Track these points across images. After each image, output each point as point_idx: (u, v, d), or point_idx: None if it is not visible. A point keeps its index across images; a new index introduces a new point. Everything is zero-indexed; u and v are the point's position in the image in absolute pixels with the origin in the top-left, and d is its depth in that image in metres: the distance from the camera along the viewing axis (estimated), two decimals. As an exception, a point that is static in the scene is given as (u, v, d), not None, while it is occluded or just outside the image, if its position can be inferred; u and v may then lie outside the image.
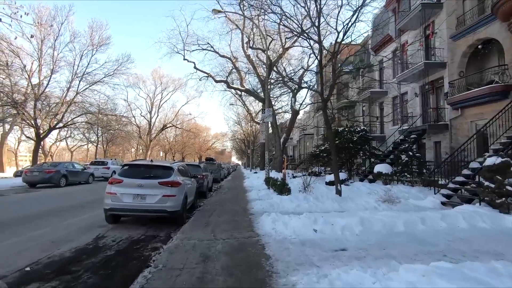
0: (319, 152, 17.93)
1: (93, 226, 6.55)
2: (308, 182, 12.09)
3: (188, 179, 8.12)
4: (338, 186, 8.94)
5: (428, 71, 14.59)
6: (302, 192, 9.23)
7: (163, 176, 6.54)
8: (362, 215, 5.96)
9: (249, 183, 18.11)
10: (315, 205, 8.13)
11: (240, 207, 8.71)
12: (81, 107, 21.47)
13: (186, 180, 7.67)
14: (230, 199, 10.92)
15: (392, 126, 19.80)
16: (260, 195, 10.97)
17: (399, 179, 13.27)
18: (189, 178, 8.49)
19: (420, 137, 14.56)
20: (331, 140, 9.38)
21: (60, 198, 11.51)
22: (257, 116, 43.39)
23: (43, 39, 20.37)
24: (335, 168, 9.23)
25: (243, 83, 23.64)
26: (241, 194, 12.35)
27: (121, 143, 46.80)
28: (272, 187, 11.46)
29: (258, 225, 6.12)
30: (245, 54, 22.43)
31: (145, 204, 6.18)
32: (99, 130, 29.77)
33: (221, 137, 74.77)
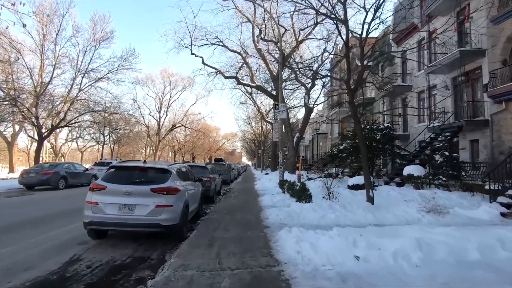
0: (337, 152, 16.42)
1: (72, 243, 5.31)
2: (330, 186, 10.65)
3: (190, 184, 6.81)
4: (370, 192, 7.47)
5: (463, 60, 12.88)
6: (325, 199, 7.79)
7: (158, 181, 5.23)
8: (415, 235, 4.49)
9: (261, 185, 16.73)
10: (343, 215, 6.68)
11: (253, 217, 7.34)
12: (85, 105, 20.59)
13: (187, 185, 6.36)
14: (241, 205, 9.57)
15: (418, 124, 18.05)
16: (274, 201, 9.58)
17: (432, 182, 11.65)
18: (192, 182, 7.19)
19: (455, 134, 12.86)
20: (360, 137, 7.91)
21: (54, 203, 10.41)
22: (268, 115, 42.03)
23: (45, 34, 19.59)
24: (366, 170, 7.76)
25: (253, 79, 22.31)
26: (252, 199, 10.99)
27: (129, 143, 46.20)
28: (289, 191, 10.05)
29: (277, 245, 4.73)
30: (256, 47, 21.09)
31: (134, 217, 4.88)
32: (106, 129, 28.93)
33: (231, 137, 73.79)
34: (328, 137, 34.83)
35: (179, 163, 6.62)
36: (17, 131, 36.63)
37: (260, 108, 39.15)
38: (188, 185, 6.42)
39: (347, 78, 8.06)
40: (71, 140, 43.98)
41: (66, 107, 19.38)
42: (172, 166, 5.81)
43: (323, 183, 10.90)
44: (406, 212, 6.93)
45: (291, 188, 9.91)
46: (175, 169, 5.86)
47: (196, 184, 7.73)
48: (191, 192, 6.54)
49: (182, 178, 6.15)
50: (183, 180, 6.17)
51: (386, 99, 21.74)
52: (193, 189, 6.93)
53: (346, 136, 16.60)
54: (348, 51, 7.76)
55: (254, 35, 21.31)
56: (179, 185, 5.60)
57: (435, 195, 9.84)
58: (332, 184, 10.96)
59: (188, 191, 6.17)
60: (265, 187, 15.48)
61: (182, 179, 6.08)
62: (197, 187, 7.65)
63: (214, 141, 71.74)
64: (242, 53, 22.78)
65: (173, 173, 5.58)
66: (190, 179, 7.13)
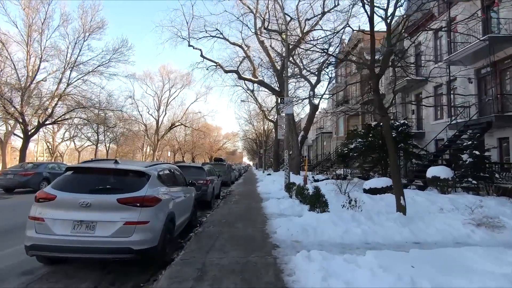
0: (347, 151, 15.01)
1: (15, 271, 3.95)
2: (345, 190, 9.26)
3: (179, 190, 5.45)
4: (402, 200, 6.06)
5: (493, 48, 11.46)
6: (345, 207, 6.38)
7: (130, 188, 3.86)
8: (495, 269, 3.09)
9: (264, 187, 15.35)
10: (371, 230, 5.29)
11: (257, 230, 5.96)
12: (75, 101, 19.14)
13: (174, 192, 4.99)
14: (242, 212, 8.19)
15: (434, 121, 16.65)
16: (281, 208, 8.20)
17: (459, 185, 10.25)
18: (182, 187, 5.83)
19: (484, 132, 11.43)
20: (388, 132, 6.51)
21: (26, 210, 9.04)
22: (270, 113, 40.65)
23: (31, 24, 18.20)
24: (396, 172, 6.36)
25: (255, 74, 20.93)
26: (255, 205, 9.61)
27: (127, 143, 44.88)
28: (298, 196, 8.67)
29: (294, 281, 3.34)
30: (259, 40, 19.72)
31: (94, 239, 3.52)
32: (99, 128, 27.52)
33: (232, 137, 72.56)
34: (333, 136, 33.40)
35: (164, 164, 5.22)
36: (11, 130, 35.40)
37: (262, 106, 37.79)
38: (175, 192, 5.04)
39: (370, 61, 6.68)
40: (68, 139, 42.70)
41: (54, 103, 18.01)
42: (151, 168, 4.42)
43: (336, 186, 9.56)
44: (449, 225, 5.52)
45: (300, 193, 8.53)
46: (156, 171, 4.47)
47: (188, 189, 6.35)
48: (179, 201, 5.17)
49: (166, 183, 4.77)
50: (167, 185, 4.79)
51: (398, 95, 20.30)
52: (183, 196, 5.56)
53: (357, 134, 15.19)
54: (373, 27, 6.37)
55: (257, 27, 19.96)
56: (161, 193, 4.22)
57: (464, 199, 8.49)
58: (347, 188, 9.63)
59: (174, 200, 4.79)
60: (269, 189, 14.10)
61: (166, 185, 4.70)
62: (188, 192, 6.28)
63: (215, 141, 70.49)
64: (244, 46, 21.41)
65: (152, 177, 4.20)
66: (179, 183, 5.75)
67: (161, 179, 4.54)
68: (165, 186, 4.61)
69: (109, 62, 20.24)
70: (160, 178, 4.54)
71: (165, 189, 4.52)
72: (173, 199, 4.75)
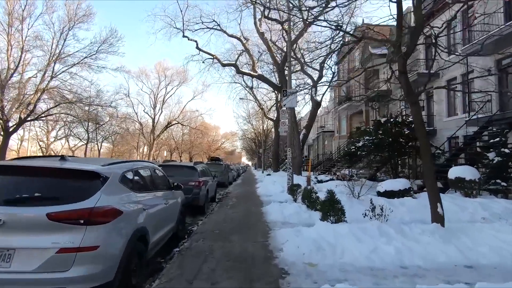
0: (355, 149, 13.82)
1: None
2: (359, 193, 8.05)
3: (158, 196, 4.24)
4: (439, 208, 4.86)
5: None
6: (368, 217, 5.16)
7: (72, 197, 2.63)
8: None
9: (264, 189, 14.10)
10: (406, 248, 4.08)
11: (258, 246, 4.74)
12: (60, 96, 17.79)
13: (150, 199, 3.79)
14: (239, 220, 6.97)
15: (448, 118, 15.47)
16: (286, 214, 6.98)
17: (486, 188, 9.07)
18: (164, 191, 4.63)
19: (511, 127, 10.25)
20: (420, 125, 5.30)
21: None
22: (269, 112, 39.48)
23: (11, 12, 16.81)
24: (430, 173, 5.15)
25: (255, 68, 19.71)
26: (255, 210, 8.39)
27: (122, 142, 43.57)
28: (305, 201, 7.45)
29: None
30: (258, 31, 18.50)
31: (8, 277, 2.29)
32: (90, 125, 26.12)
33: (230, 136, 71.33)
34: (335, 135, 32.23)
35: (134, 162, 3.91)
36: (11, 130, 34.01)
37: (261, 104, 36.60)
38: (150, 199, 3.83)
39: (396, 38, 5.48)
40: (61, 138, 41.31)
41: (36, 97, 16.66)
42: (111, 168, 3.18)
43: (348, 189, 8.35)
44: (505, 241, 4.32)
45: (308, 197, 7.31)
46: (119, 172, 3.24)
47: (172, 194, 5.14)
48: (157, 210, 3.95)
49: (136, 187, 3.55)
50: (138, 190, 3.57)
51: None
52: (163, 204, 4.33)
53: (366, 132, 14.01)
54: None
55: (256, 18, 18.74)
56: (124, 203, 3.00)
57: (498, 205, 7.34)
58: (358, 189, 8.44)
59: (148, 210, 3.57)
60: (270, 191, 12.86)
61: (136, 189, 3.48)
62: (173, 198, 5.06)
63: (213, 140, 69.28)
64: (242, 39, 20.19)
65: (111, 180, 2.97)
66: (159, 187, 4.53)
67: (127, 183, 3.31)
68: (133, 191, 3.39)
69: (96, 53, 18.94)
70: (126, 181, 3.31)
71: (132, 196, 3.30)
72: (146, 209, 3.52)
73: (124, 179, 3.26)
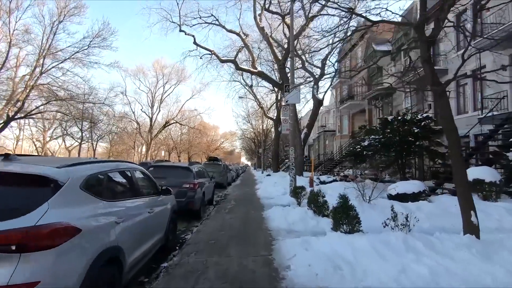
0: (360, 149, 13.08)
1: None
2: (369, 197, 7.32)
3: (140, 204, 3.50)
4: (473, 217, 4.14)
5: (540, 25, 9.58)
6: (389, 227, 4.40)
7: (8, 212, 1.89)
8: None
9: (264, 191, 13.35)
10: (442, 267, 3.36)
11: (260, 263, 4.00)
12: (51, 93, 16.89)
13: (128, 209, 3.05)
14: (238, 227, 6.23)
15: (457, 115, 14.73)
16: (290, 221, 6.25)
17: (507, 191, 8.37)
18: (149, 197, 3.90)
19: (531, 125, 9.55)
20: (449, 120, 4.59)
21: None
22: (269, 111, 38.76)
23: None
24: (462, 177, 4.43)
25: (254, 64, 18.96)
26: (255, 215, 7.66)
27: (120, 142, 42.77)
28: (311, 205, 6.71)
29: None
30: (258, 26, 17.75)
31: None
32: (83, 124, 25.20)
33: (230, 136, 70.59)
34: (336, 134, 31.50)
35: (104, 162, 3.09)
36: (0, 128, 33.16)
37: (261, 103, 35.87)
38: (128, 209, 3.09)
39: (419, 21, 4.76)
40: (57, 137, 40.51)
41: (25, 94, 15.82)
42: (70, 170, 2.42)
43: (358, 192, 7.61)
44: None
45: (314, 201, 6.58)
46: (82, 175, 2.48)
47: (160, 200, 4.40)
48: (137, 221, 3.22)
49: (107, 194, 2.81)
50: (111, 198, 2.83)
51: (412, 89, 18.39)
52: (146, 213, 3.60)
53: (371, 130, 13.28)
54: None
55: (256, 12, 17.99)
56: (89, 216, 2.27)
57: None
58: (368, 192, 7.71)
59: (125, 222, 2.84)
60: (270, 193, 12.13)
61: (107, 197, 2.74)
62: (160, 204, 4.33)
63: (212, 140, 68.52)
64: (242, 34, 19.43)
65: (67, 187, 2.23)
66: (142, 192, 3.79)
67: (93, 189, 2.56)
68: (103, 200, 2.65)
69: (88, 48, 18.05)
70: (92, 186, 2.57)
71: (100, 206, 2.56)
72: (121, 222, 2.78)
73: (89, 184, 2.52)
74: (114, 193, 3.03)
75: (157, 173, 7.54)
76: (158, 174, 7.51)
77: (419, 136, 11.71)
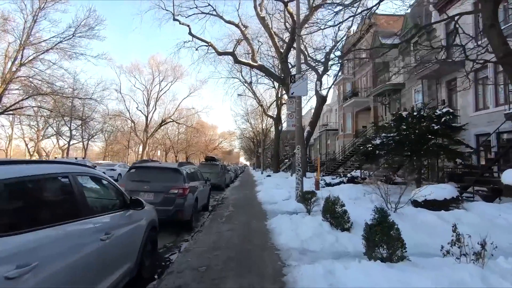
0: (372, 148, 11.87)
1: None
2: (396, 206, 6.09)
3: (85, 228, 2.24)
4: None
5: None
6: (451, 255, 3.15)
7: None
8: None
9: (266, 194, 12.10)
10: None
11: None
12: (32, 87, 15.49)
13: (48, 244, 1.77)
14: (236, 247, 4.98)
15: (475, 112, 13.55)
16: (303, 237, 4.99)
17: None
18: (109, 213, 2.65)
19: None
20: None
21: None
22: (269, 109, 37.56)
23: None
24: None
25: (255, 58, 17.73)
26: (258, 226, 6.41)
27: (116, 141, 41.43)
28: (327, 215, 5.45)
29: None
30: (259, 16, 16.52)
31: None
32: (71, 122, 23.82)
33: (228, 135, 69.38)
34: (339, 133, 30.26)
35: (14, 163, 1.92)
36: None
37: (261, 101, 34.66)
38: (52, 242, 1.82)
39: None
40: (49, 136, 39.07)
41: (2, 88, 14.42)
42: None
43: (381, 199, 6.38)
44: None
45: (331, 211, 5.33)
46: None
47: (131, 215, 3.15)
48: (70, 262, 1.94)
49: (9, 222, 1.54)
50: (19, 227, 1.56)
51: (424, 83, 17.22)
52: (96, 242, 2.34)
53: (384, 127, 12.09)
54: None
55: (256, 1, 16.77)
56: None
57: None
58: (391, 198, 6.49)
59: (42, 267, 1.58)
60: (273, 197, 10.88)
61: (11, 227, 1.47)
62: (130, 222, 3.08)
63: (211, 140, 67.27)
64: (241, 26, 18.20)
65: None
66: (89, 210, 2.51)
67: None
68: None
69: (73, 37, 16.66)
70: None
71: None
72: (31, 270, 1.52)
73: None
74: (26, 218, 1.77)
75: (139, 176, 6.29)
76: (140, 177, 6.26)
77: (439, 133, 10.53)
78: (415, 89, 18.52)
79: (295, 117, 9.05)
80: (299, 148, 9.11)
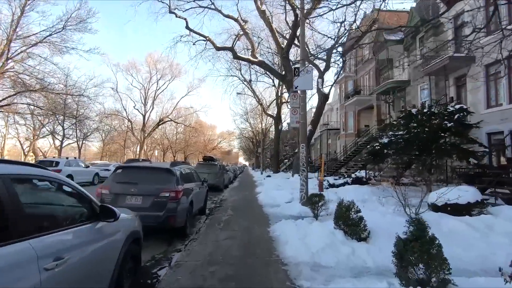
0: (380, 147, 11.19)
1: None
2: (416, 211, 5.42)
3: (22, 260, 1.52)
4: None
5: None
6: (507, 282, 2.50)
7: None
8: None
9: (267, 195, 11.39)
10: None
11: None
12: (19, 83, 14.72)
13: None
14: (236, 261, 4.29)
15: (487, 109, 12.91)
16: (313, 248, 4.30)
17: None
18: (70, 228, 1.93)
19: None
20: None
21: None
22: (269, 108, 36.89)
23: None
24: None
25: (254, 53, 17.03)
26: (260, 233, 5.72)
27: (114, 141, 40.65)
28: (339, 223, 4.75)
29: None
30: (259, 9, 15.82)
31: None
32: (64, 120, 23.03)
33: (227, 135, 68.69)
34: (341, 133, 29.61)
35: None
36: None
37: (260, 99, 34.00)
38: None
39: None
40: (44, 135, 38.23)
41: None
42: None
43: (400, 204, 5.71)
44: None
45: (345, 217, 4.64)
46: None
47: (101, 229, 2.44)
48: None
49: None
50: None
51: (432, 80, 16.54)
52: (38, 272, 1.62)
53: (392, 125, 11.41)
54: None
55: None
56: None
57: None
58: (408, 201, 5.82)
59: None
60: (274, 199, 10.20)
61: None
62: (104, 237, 2.38)
63: (210, 139, 66.52)
64: (240, 20, 17.50)
65: None
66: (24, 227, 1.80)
67: None
68: None
69: (63, 30, 15.86)
70: None
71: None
72: None
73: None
74: None
75: (126, 177, 5.59)
76: (127, 178, 5.55)
77: (452, 131, 9.86)
78: (421, 86, 17.87)
79: (299, 113, 8.38)
80: (303, 146, 8.44)
